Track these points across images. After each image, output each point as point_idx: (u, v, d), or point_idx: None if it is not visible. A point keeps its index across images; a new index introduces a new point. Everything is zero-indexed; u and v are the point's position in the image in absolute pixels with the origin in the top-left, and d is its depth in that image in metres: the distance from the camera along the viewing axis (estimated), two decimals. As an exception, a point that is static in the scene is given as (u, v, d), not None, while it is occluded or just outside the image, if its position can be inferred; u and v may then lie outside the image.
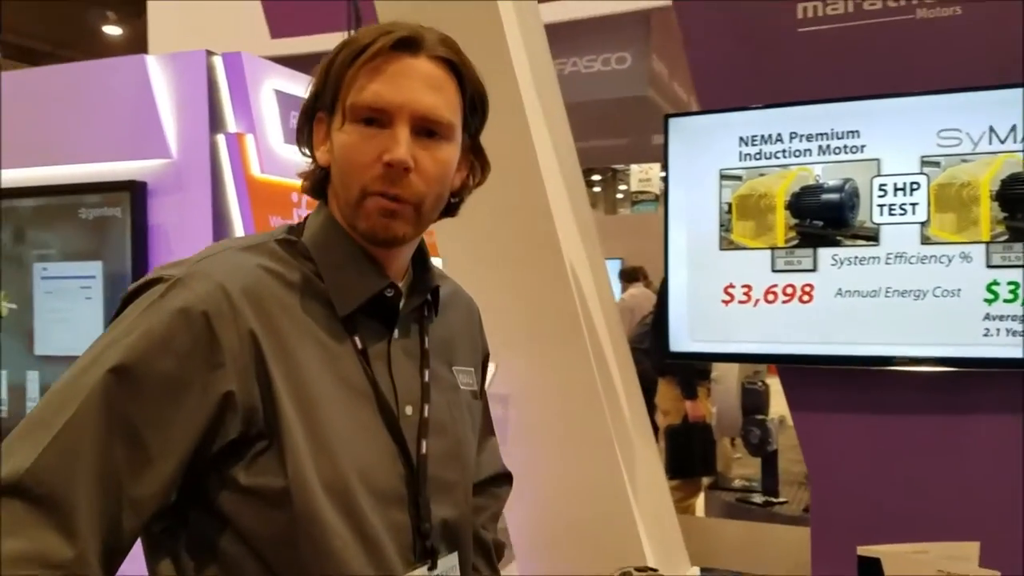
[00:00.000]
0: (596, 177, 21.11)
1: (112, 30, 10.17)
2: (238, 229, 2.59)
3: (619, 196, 22.52)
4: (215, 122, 2.62)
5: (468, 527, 1.14)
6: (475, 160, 1.13)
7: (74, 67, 2.89)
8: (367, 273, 1.06)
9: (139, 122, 2.63)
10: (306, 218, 1.11)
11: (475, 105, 1.08)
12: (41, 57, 9.76)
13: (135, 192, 2.62)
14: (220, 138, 2.61)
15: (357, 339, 1.04)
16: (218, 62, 2.63)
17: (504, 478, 1.35)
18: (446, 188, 1.07)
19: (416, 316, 1.13)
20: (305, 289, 1.03)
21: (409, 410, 1.06)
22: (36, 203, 2.78)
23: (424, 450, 1.05)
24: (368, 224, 1.02)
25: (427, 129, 1.02)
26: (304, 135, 1.09)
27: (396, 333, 1.08)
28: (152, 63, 2.63)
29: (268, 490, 0.95)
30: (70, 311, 2.72)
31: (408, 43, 1.02)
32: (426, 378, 1.10)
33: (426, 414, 1.07)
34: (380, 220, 1.02)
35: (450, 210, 1.12)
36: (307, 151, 1.09)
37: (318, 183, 1.09)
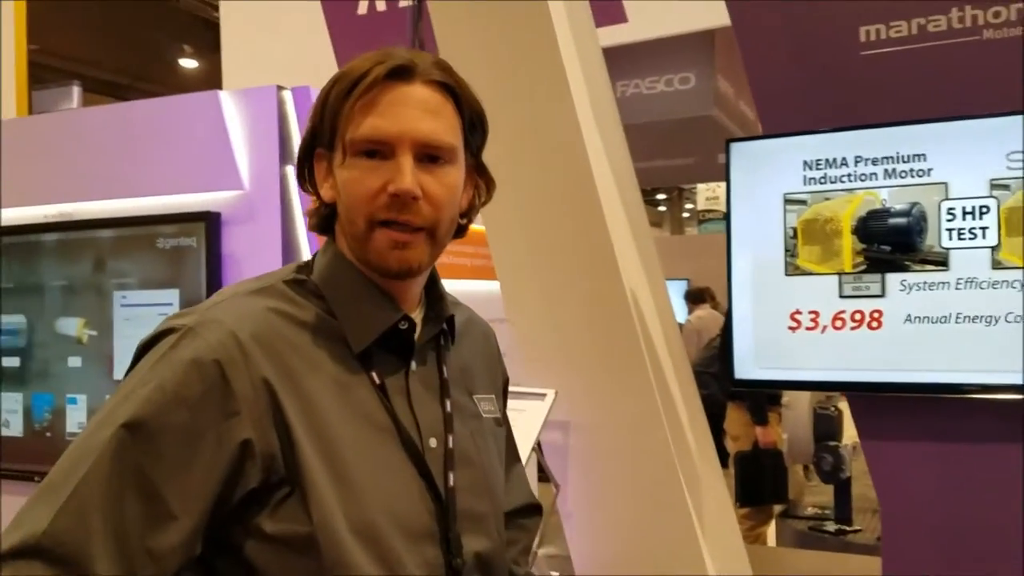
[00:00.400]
0: (661, 196, 20.93)
1: (188, 63, 10.50)
2: (306, 257, 2.65)
3: (685, 215, 22.26)
4: (285, 154, 2.70)
5: (502, 559, 1.11)
6: (479, 179, 1.12)
7: (151, 103, 3.00)
8: (380, 306, 1.04)
9: (213, 155, 2.72)
10: (315, 256, 1.10)
11: (474, 124, 1.07)
12: (121, 90, 10.12)
13: (209, 223, 2.71)
14: (290, 169, 2.68)
15: (374, 374, 1.02)
16: (288, 96, 2.71)
17: (533, 509, 1.31)
18: (456, 211, 1.06)
19: (432, 346, 1.11)
20: (317, 328, 1.02)
21: (433, 442, 1.04)
22: (116, 234, 2.89)
23: (452, 482, 1.03)
24: (380, 258, 1.01)
25: (430, 155, 1.01)
26: (305, 174, 1.08)
27: (413, 365, 1.06)
28: (225, 98, 2.73)
29: (294, 537, 0.93)
30: (147, 338, 2.82)
31: (401, 71, 1.01)
32: (448, 408, 1.07)
33: (451, 445, 1.05)
34: (392, 253, 1.00)
35: (459, 232, 1.10)
36: (310, 189, 1.08)
37: (324, 220, 1.07)
